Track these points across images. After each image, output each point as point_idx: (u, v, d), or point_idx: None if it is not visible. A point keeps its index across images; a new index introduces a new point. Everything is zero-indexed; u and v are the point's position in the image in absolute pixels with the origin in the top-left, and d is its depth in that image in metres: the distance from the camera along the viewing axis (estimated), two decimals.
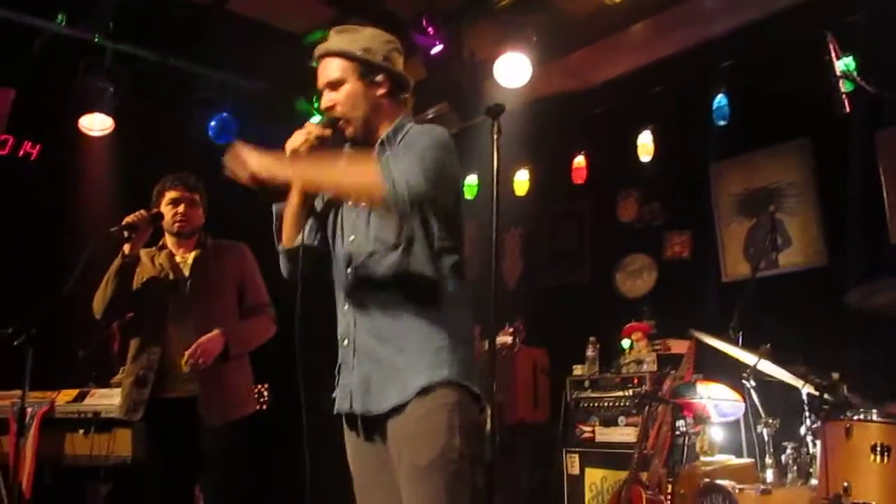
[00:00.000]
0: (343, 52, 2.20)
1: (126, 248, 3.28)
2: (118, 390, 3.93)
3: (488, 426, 2.17)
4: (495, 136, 2.17)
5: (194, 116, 5.50)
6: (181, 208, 3.47)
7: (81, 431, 4.04)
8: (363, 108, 2.20)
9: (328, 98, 2.22)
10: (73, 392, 4.16)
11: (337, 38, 2.25)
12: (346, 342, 2.18)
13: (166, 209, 3.46)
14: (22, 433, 3.63)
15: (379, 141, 2.22)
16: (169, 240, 3.55)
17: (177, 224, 3.46)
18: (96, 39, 4.94)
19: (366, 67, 2.19)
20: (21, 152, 5.28)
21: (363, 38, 2.23)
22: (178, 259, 3.51)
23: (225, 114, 5.53)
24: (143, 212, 3.31)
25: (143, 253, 3.50)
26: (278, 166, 2.06)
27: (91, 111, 5.14)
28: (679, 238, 5.42)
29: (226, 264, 3.54)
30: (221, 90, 5.55)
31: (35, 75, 5.00)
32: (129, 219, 3.26)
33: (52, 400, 4.11)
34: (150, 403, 3.28)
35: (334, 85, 2.20)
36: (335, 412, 2.22)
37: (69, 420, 4.07)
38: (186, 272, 3.49)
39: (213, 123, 5.51)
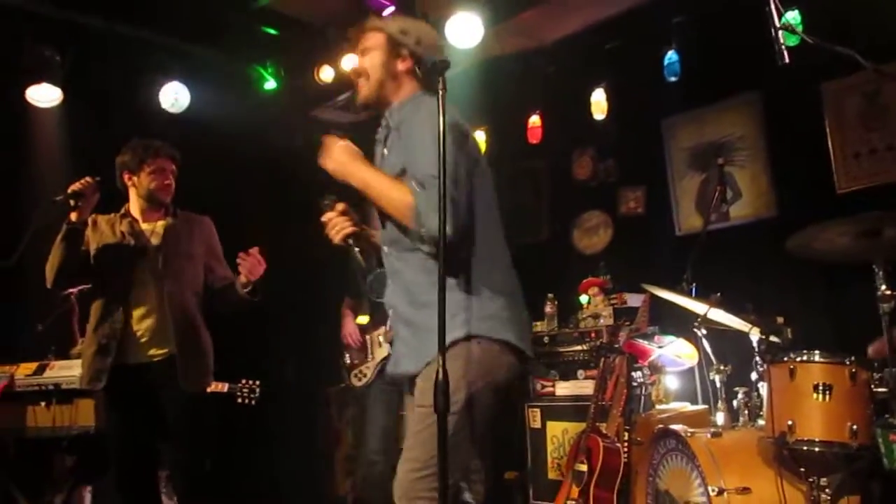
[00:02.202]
0: (381, 27, 2.49)
1: (73, 215, 3.25)
2: (78, 361, 3.93)
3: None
4: (441, 93, 2.18)
5: (145, 84, 5.42)
6: (170, 180, 3.49)
7: (43, 403, 4.03)
8: (379, 74, 2.45)
9: (356, 61, 2.51)
10: (33, 365, 4.14)
11: (387, 20, 2.56)
12: (390, 311, 2.45)
13: (149, 176, 3.46)
14: None
15: (388, 111, 2.48)
16: (136, 207, 3.53)
17: (168, 194, 3.49)
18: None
19: (394, 43, 2.45)
20: None
21: (407, 23, 2.51)
22: (145, 227, 3.49)
23: (176, 82, 5.47)
24: (87, 179, 3.27)
25: (102, 220, 3.48)
26: (344, 169, 2.37)
27: (38, 82, 5.05)
28: (633, 194, 5.50)
29: (195, 235, 3.56)
30: (172, 57, 5.48)
31: None
32: (73, 186, 3.24)
33: (11, 374, 4.10)
34: (112, 371, 3.29)
35: (364, 51, 2.49)
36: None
37: (30, 393, 4.05)
38: (155, 240, 3.47)
39: (164, 91, 5.44)
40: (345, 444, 6.07)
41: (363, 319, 4.40)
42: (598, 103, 5.39)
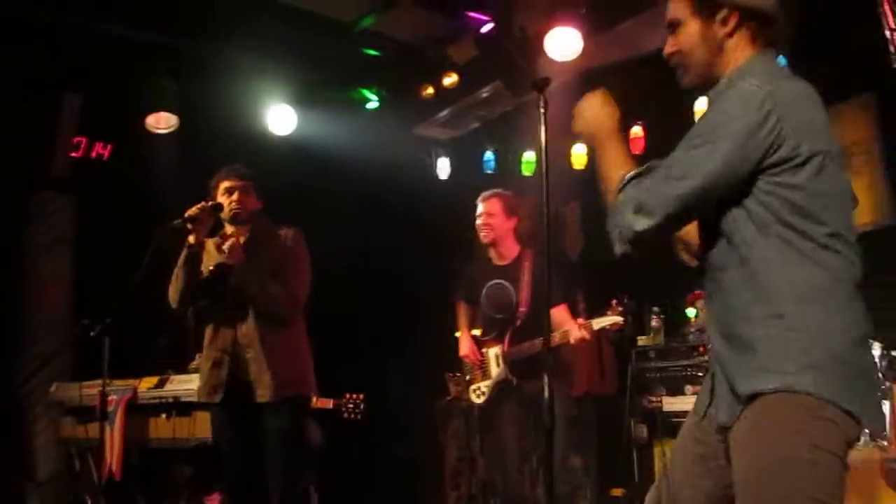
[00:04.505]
0: None
1: (190, 238, 3.44)
2: (196, 375, 4.13)
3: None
4: (542, 111, 2.18)
5: (252, 109, 5.64)
6: (235, 196, 3.61)
7: (164, 416, 4.24)
8: (703, 52, 1.92)
9: (669, 42, 1.98)
10: (154, 379, 4.36)
11: None
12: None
13: (222, 199, 3.62)
14: (105, 419, 3.83)
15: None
16: (228, 228, 3.71)
17: (232, 211, 3.60)
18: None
19: (703, 4, 1.90)
20: (94, 153, 5.52)
21: None
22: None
23: (284, 105, 5.66)
24: (203, 203, 3.47)
25: (210, 242, 3.66)
26: (592, 135, 2.04)
27: (157, 110, 5.34)
28: None
29: (265, 248, 3.64)
30: (278, 81, 5.68)
31: (102, 77, 5.21)
32: (190, 211, 3.42)
33: (134, 387, 4.33)
34: (227, 385, 3.45)
35: (673, 26, 1.96)
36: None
37: (151, 405, 4.28)
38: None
39: (271, 114, 5.65)
40: (450, 457, 6.10)
41: (476, 332, 4.40)
42: (702, 111, 5.25)
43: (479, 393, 4.26)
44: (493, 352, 4.20)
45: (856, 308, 1.76)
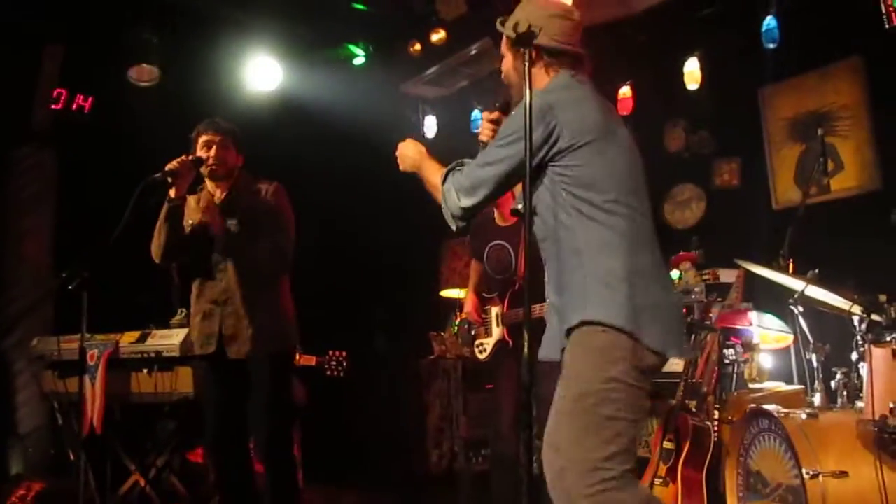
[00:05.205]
0: (502, 31, 2.46)
1: (171, 192, 3.39)
2: (178, 331, 4.12)
3: (525, 352, 2.18)
4: (527, 65, 2.18)
5: (237, 63, 5.55)
6: (213, 151, 3.55)
7: (145, 370, 4.23)
8: (515, 78, 2.47)
9: (501, 67, 2.54)
10: (136, 334, 4.34)
11: (507, 18, 2.45)
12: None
13: (201, 153, 3.56)
14: (84, 373, 3.81)
15: None
16: (208, 182, 3.67)
17: (210, 168, 3.55)
18: None
19: (514, 41, 2.36)
20: (75, 105, 5.43)
21: (525, 12, 2.40)
22: (216, 200, 3.61)
23: (267, 58, 5.58)
24: (184, 157, 3.42)
25: (191, 198, 3.62)
26: (413, 165, 2.58)
27: (139, 63, 5.25)
28: (728, 166, 5.32)
29: (246, 204, 3.60)
30: (264, 36, 5.59)
31: (83, 29, 5.11)
32: (170, 165, 3.37)
33: (116, 342, 4.30)
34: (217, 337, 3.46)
35: (502, 57, 2.52)
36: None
37: (133, 360, 4.25)
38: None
39: (256, 69, 5.57)
40: (434, 415, 6.14)
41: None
42: (692, 73, 5.22)
43: (481, 349, 4.27)
44: (494, 311, 4.21)
45: (641, 257, 2.23)
